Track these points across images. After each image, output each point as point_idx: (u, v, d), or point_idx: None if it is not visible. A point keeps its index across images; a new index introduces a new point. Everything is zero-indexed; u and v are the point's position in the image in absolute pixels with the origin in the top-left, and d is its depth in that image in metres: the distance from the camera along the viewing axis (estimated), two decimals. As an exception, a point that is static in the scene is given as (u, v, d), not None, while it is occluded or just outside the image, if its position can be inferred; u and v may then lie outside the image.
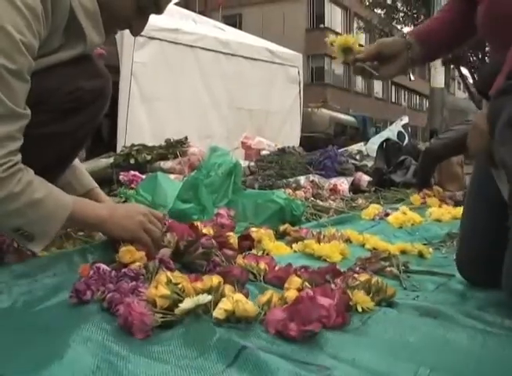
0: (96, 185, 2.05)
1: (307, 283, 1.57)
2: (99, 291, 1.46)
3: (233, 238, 2.04)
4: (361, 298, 1.44)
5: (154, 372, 1.08)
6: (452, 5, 1.94)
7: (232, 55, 8.77)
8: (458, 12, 1.90)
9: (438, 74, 12.70)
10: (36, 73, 1.44)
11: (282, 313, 1.28)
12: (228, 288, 1.45)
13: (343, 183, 5.23)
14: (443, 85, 13.39)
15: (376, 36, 34.42)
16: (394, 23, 30.40)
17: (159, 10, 1.77)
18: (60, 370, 1.05)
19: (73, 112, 1.65)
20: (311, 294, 1.32)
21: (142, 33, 1.80)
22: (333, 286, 1.57)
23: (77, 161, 2.01)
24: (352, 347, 1.21)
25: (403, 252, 2.44)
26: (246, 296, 1.44)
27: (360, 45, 1.93)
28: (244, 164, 5.63)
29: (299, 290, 1.49)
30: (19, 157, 1.43)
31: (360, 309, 1.42)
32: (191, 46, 8.05)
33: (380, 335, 1.31)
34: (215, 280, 1.44)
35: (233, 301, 1.32)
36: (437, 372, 1.09)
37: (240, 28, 21.72)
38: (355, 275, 1.67)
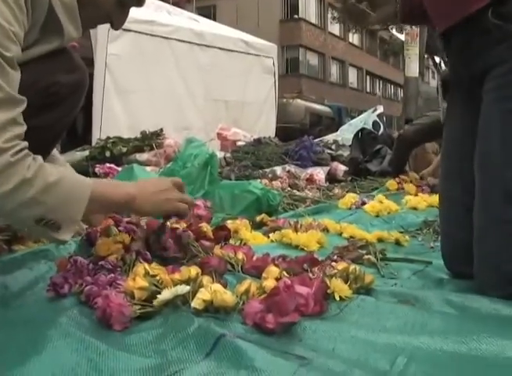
0: None
1: (285, 273, 1.57)
2: (77, 284, 1.46)
3: (206, 227, 2.03)
4: (338, 286, 1.44)
5: (134, 367, 1.08)
6: None
7: (207, 46, 8.76)
8: None
9: (412, 63, 12.76)
10: None
11: (259, 305, 1.28)
12: (206, 279, 1.45)
13: (319, 173, 5.25)
14: (417, 75, 13.47)
15: (350, 26, 34.55)
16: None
17: (140, 3, 1.76)
18: (40, 367, 1.05)
19: (51, 106, 1.64)
20: (289, 283, 1.33)
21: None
22: (310, 275, 1.57)
23: (57, 154, 1.98)
24: (330, 336, 1.21)
25: (380, 240, 2.46)
26: (225, 286, 1.44)
27: None
28: (220, 155, 5.63)
29: (277, 279, 1.49)
30: (25, 142, 1.37)
31: (338, 298, 1.42)
32: (166, 38, 8.03)
33: (357, 322, 1.31)
34: (193, 270, 1.45)
35: (211, 291, 1.33)
36: (414, 360, 1.10)
37: (215, 19, 21.65)
38: (333, 263, 1.68)
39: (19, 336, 1.21)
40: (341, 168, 5.68)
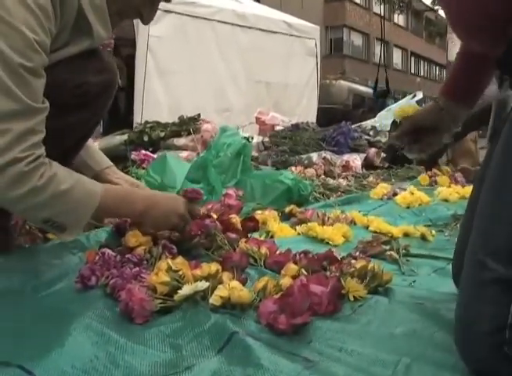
0: (111, 163, 2.09)
1: (303, 270, 1.61)
2: (104, 277, 1.52)
3: (235, 219, 2.08)
4: (353, 287, 1.48)
5: (149, 361, 1.13)
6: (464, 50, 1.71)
7: (250, 28, 8.76)
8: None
9: (454, 47, 12.55)
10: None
11: (273, 305, 1.32)
12: (226, 275, 1.50)
13: (355, 160, 5.24)
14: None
15: (394, 6, 34.05)
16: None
17: None
18: (60, 358, 1.11)
19: (80, 106, 1.69)
20: (305, 282, 1.38)
21: (159, 6, 1.81)
22: (328, 273, 1.61)
23: (90, 141, 2.05)
24: (339, 338, 1.25)
25: (406, 235, 2.47)
26: (245, 282, 1.50)
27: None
28: (258, 139, 5.67)
29: (294, 277, 1.54)
30: (42, 150, 1.46)
31: (352, 298, 1.46)
32: (208, 19, 8.04)
33: (368, 325, 1.35)
34: (213, 267, 1.50)
35: (229, 288, 1.38)
36: (417, 363, 1.13)
37: (258, 1, 21.55)
38: (352, 261, 1.71)
39: (43, 326, 1.28)
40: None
